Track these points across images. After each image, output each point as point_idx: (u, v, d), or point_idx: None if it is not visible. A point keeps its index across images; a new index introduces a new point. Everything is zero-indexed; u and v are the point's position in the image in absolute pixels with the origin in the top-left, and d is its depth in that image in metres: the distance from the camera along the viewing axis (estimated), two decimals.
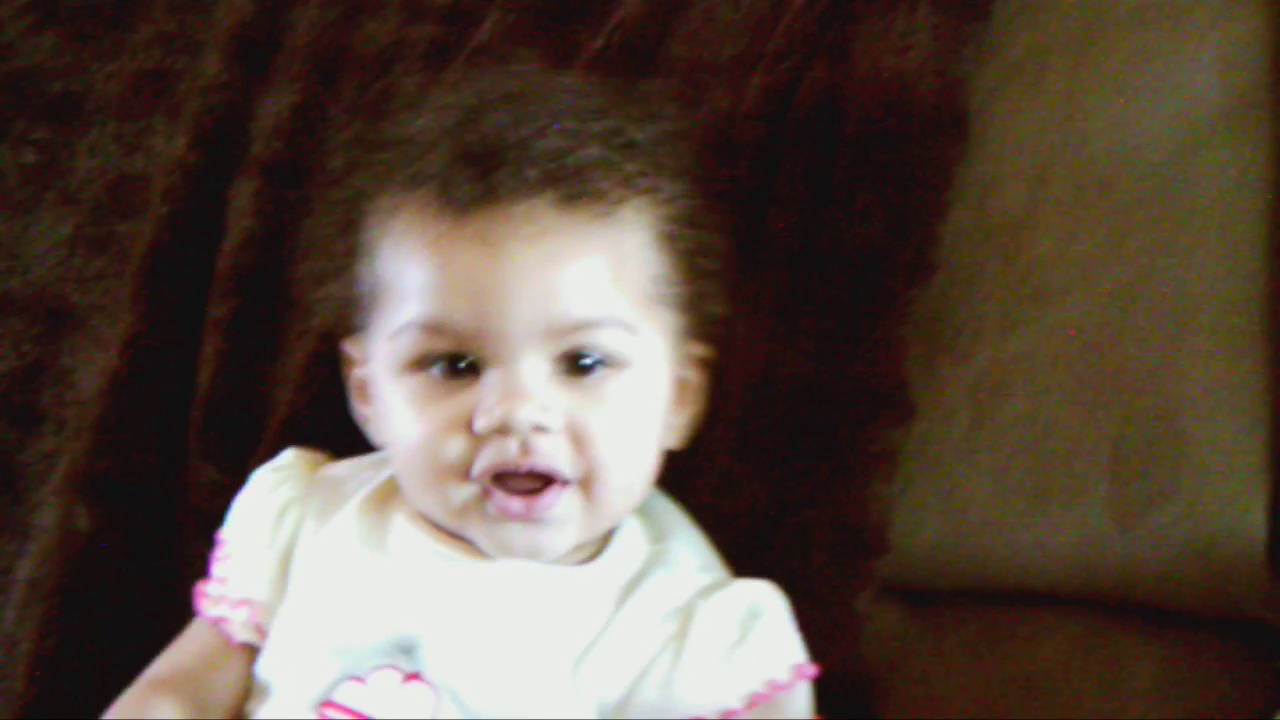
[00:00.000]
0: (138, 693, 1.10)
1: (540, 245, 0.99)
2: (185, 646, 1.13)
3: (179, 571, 1.23)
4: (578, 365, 1.01)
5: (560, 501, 1.01)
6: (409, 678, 1.01)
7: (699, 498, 1.15)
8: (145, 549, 1.30)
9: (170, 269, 1.35)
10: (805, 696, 1.04)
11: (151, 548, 1.30)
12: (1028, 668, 1.14)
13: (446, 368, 1.01)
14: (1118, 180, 1.17)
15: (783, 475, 1.16)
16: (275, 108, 1.38)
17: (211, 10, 1.47)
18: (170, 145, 1.41)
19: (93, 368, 1.36)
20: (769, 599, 1.05)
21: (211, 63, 1.42)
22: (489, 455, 0.99)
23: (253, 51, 1.42)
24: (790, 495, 1.16)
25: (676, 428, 1.10)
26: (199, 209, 1.36)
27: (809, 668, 1.04)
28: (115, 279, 1.39)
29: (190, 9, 1.49)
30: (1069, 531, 1.13)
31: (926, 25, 1.21)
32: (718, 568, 1.10)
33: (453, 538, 1.04)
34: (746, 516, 1.16)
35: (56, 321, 1.40)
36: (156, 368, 1.33)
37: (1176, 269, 1.14)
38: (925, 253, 1.17)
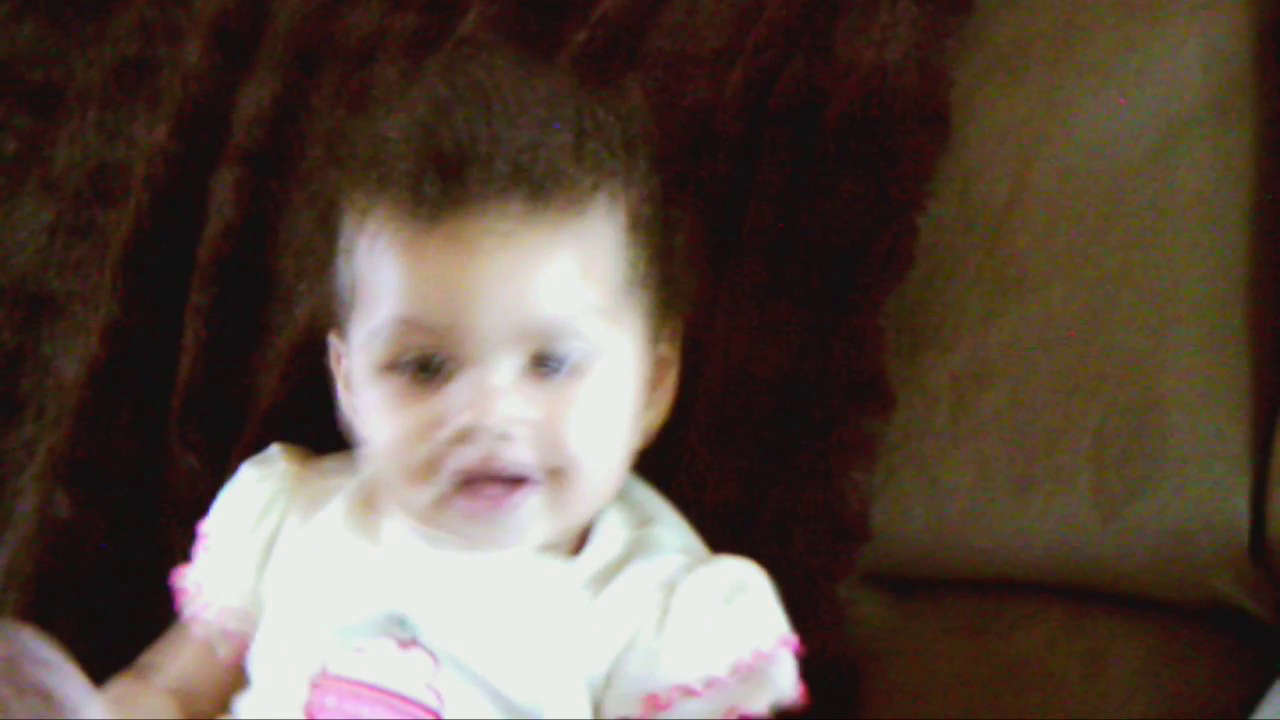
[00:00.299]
0: (125, 682, 1.10)
1: (511, 245, 0.99)
2: (173, 640, 1.14)
3: (158, 559, 1.23)
4: (550, 364, 1.01)
5: (527, 502, 1.01)
6: (405, 644, 1.02)
7: (678, 488, 1.15)
8: (125, 536, 1.29)
9: (151, 257, 1.35)
10: (790, 668, 1.04)
11: (131, 535, 1.29)
12: (1010, 656, 1.15)
13: (419, 370, 1.01)
14: (1100, 172, 1.17)
15: (761, 464, 1.17)
16: (257, 96, 1.38)
17: None
18: (151, 133, 1.40)
19: (73, 355, 1.36)
20: (752, 574, 1.06)
21: (193, 51, 1.41)
22: (457, 459, 1.00)
23: (234, 40, 1.41)
24: (769, 484, 1.16)
25: (650, 416, 1.10)
26: (180, 197, 1.36)
27: (793, 640, 1.04)
28: (96, 267, 1.38)
29: None
30: (1051, 521, 1.13)
31: (908, 17, 1.21)
32: (701, 551, 1.10)
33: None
34: (726, 506, 1.16)
35: (37, 309, 1.39)
36: (137, 355, 1.32)
37: (1158, 260, 1.14)
38: (903, 244, 1.17)
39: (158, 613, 1.17)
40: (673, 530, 1.10)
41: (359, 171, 1.04)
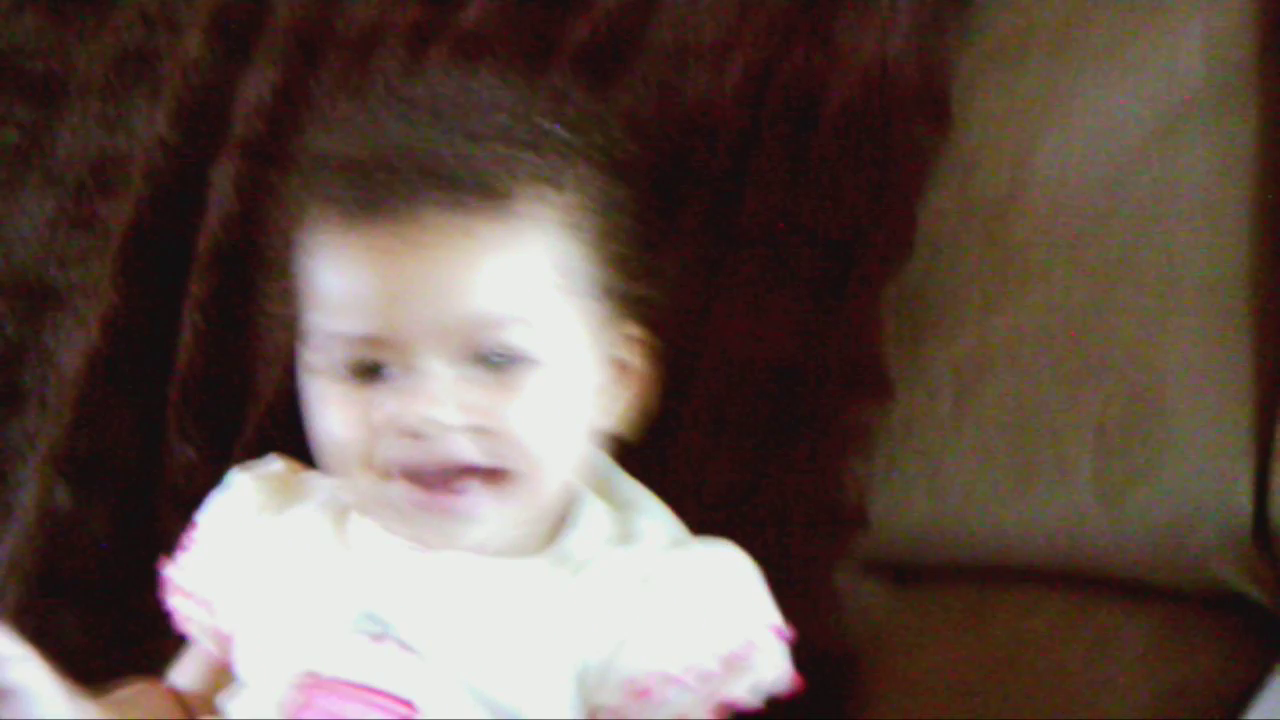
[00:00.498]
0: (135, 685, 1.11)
1: (432, 250, 0.98)
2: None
3: (157, 551, 1.22)
4: (490, 361, 1.00)
5: (471, 490, 1.01)
6: (381, 641, 1.02)
7: (675, 475, 1.15)
8: (124, 528, 1.30)
9: (152, 248, 1.35)
10: (779, 656, 1.04)
11: (130, 527, 1.29)
12: (1013, 643, 1.15)
13: (356, 372, 1.01)
14: (1101, 160, 1.17)
15: (759, 452, 1.17)
16: (257, 88, 1.38)
17: None
18: (152, 125, 1.40)
19: (74, 347, 1.36)
20: (737, 560, 1.05)
21: (193, 42, 1.41)
22: (394, 451, 1.00)
23: (234, 31, 1.41)
24: (766, 472, 1.16)
25: (618, 412, 1.08)
26: (180, 188, 1.36)
27: (784, 628, 1.04)
28: (97, 258, 1.38)
29: None
30: (1054, 508, 1.13)
31: (908, 8, 1.22)
32: (684, 539, 1.09)
33: None
34: (722, 493, 1.16)
35: (38, 301, 1.39)
36: (137, 347, 1.33)
37: (1159, 249, 1.15)
38: (902, 233, 1.18)
39: (157, 605, 1.16)
40: (655, 519, 1.09)
41: (303, 186, 1.05)
